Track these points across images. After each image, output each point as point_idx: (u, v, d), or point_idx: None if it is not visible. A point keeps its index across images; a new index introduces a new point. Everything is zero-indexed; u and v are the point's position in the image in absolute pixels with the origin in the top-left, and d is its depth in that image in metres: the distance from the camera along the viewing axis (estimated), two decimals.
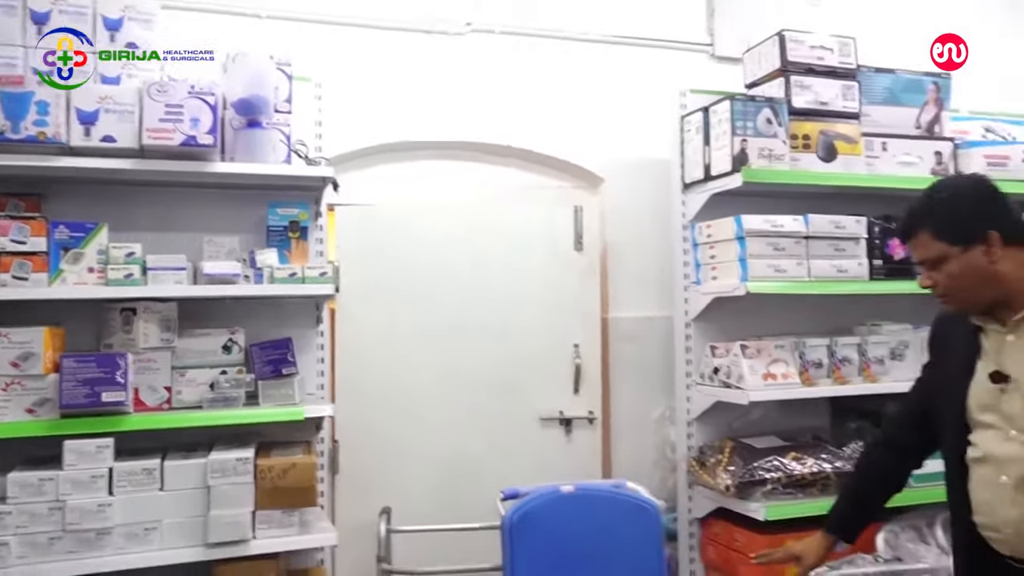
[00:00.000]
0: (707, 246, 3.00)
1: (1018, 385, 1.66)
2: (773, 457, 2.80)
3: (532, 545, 2.50)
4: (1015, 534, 1.65)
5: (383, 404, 3.08)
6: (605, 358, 3.28)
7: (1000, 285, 1.68)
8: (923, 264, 1.74)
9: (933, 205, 1.73)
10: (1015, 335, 1.69)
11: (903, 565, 2.72)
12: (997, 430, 1.69)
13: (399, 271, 3.11)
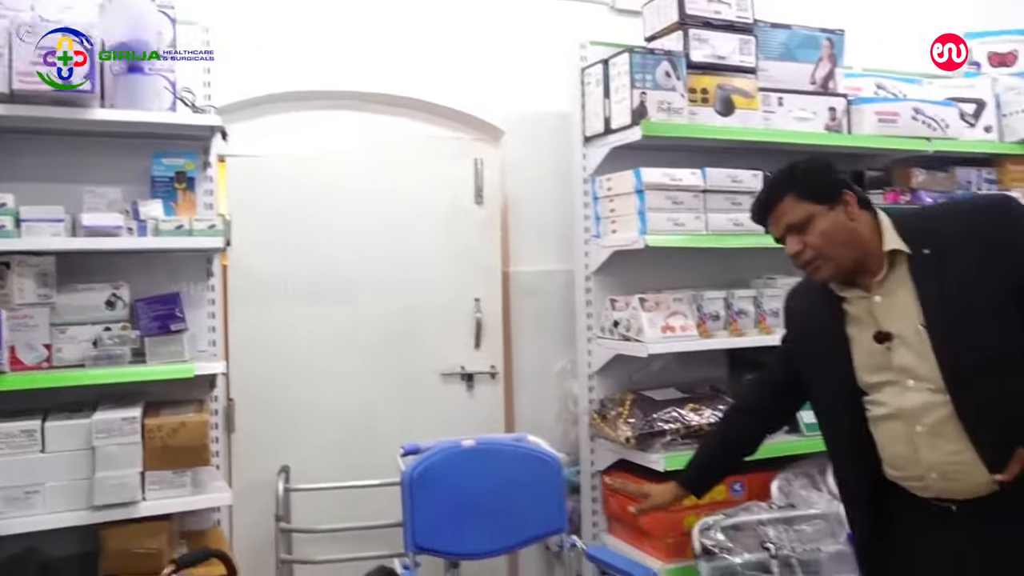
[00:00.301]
0: (607, 200, 3.00)
1: (902, 339, 1.72)
2: (672, 409, 2.84)
3: (432, 500, 2.49)
4: (941, 477, 1.71)
5: (280, 361, 3.01)
6: (506, 312, 3.27)
7: (860, 245, 1.74)
8: (790, 231, 1.76)
9: (792, 172, 1.80)
10: (881, 295, 1.75)
11: (796, 511, 2.81)
12: (895, 385, 1.74)
13: (295, 225, 3.02)
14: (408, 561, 2.44)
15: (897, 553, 1.84)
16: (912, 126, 3.23)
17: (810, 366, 1.94)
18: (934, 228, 1.75)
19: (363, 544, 2.82)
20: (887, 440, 1.78)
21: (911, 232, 1.74)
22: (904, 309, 1.72)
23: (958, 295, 1.66)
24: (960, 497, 1.70)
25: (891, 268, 1.74)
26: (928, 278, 1.70)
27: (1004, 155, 3.51)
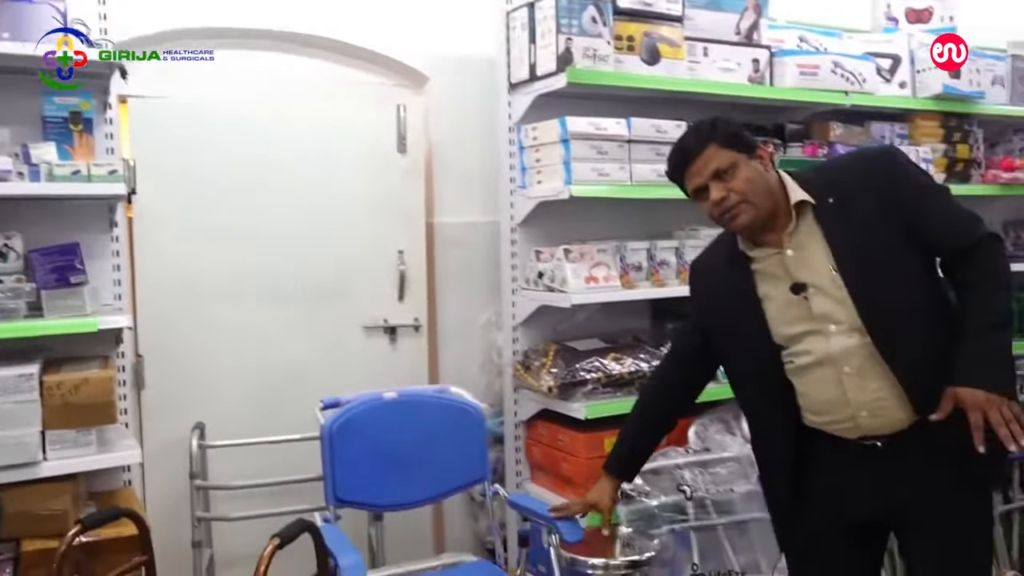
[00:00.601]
0: (533, 149, 2.95)
1: (818, 288, 1.78)
2: (594, 358, 2.85)
3: (353, 453, 2.45)
4: (869, 415, 1.78)
5: (193, 315, 2.88)
6: (430, 264, 3.21)
7: (774, 196, 1.81)
8: (716, 177, 1.79)
9: (715, 124, 1.84)
10: (792, 248, 1.81)
11: (711, 455, 2.88)
12: (817, 334, 1.80)
13: (207, 172, 2.88)
14: (329, 514, 2.41)
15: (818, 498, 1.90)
16: (832, 79, 3.27)
17: (724, 334, 1.98)
18: (834, 179, 1.85)
19: (283, 499, 2.77)
20: (814, 387, 1.83)
21: (813, 185, 1.83)
22: (816, 258, 1.78)
23: (865, 239, 1.76)
24: (885, 432, 1.79)
25: (799, 220, 1.80)
26: (835, 225, 1.78)
27: (916, 111, 3.58)
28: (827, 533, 1.91)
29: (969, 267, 1.77)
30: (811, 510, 1.93)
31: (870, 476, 1.83)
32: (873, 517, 1.88)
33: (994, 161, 3.84)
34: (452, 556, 2.65)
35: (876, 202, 1.76)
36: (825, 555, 1.94)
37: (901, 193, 1.77)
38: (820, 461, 1.89)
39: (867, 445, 1.81)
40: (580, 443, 2.81)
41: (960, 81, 3.55)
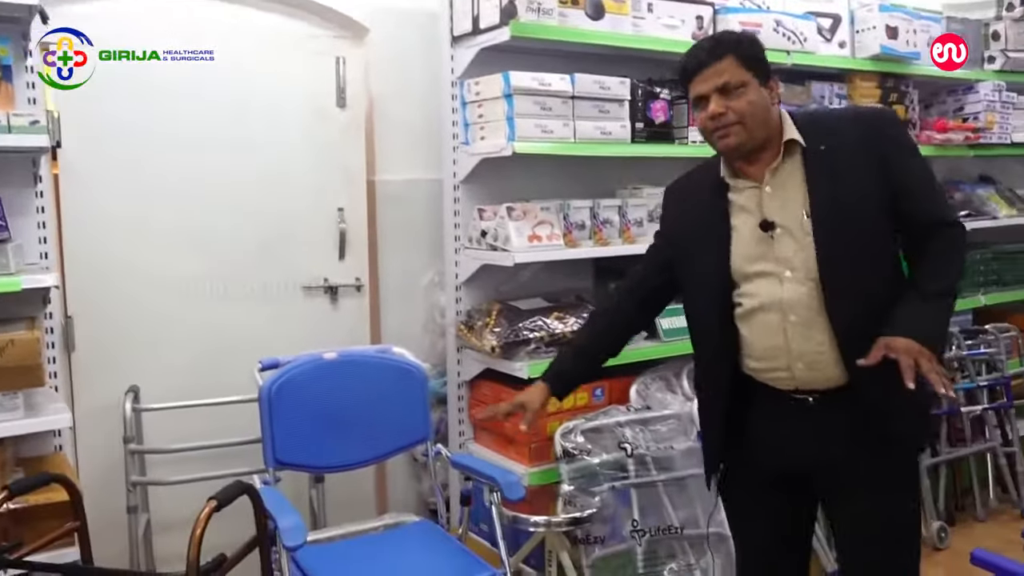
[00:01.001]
0: (475, 104, 2.90)
1: (786, 229, 1.78)
2: (537, 318, 2.84)
3: (292, 415, 2.41)
4: (806, 367, 1.80)
5: (125, 275, 2.78)
6: (372, 222, 3.15)
7: (770, 127, 1.79)
8: (721, 91, 1.75)
9: (741, 39, 1.82)
10: (771, 186, 1.80)
11: (651, 413, 2.91)
12: (771, 276, 1.80)
13: (138, 126, 2.76)
14: (268, 476, 2.37)
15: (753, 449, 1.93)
16: (774, 38, 3.27)
17: (686, 256, 1.96)
18: (831, 128, 1.83)
19: (222, 463, 2.71)
20: (758, 332, 1.84)
21: (808, 129, 1.81)
22: (792, 200, 1.78)
23: (844, 193, 1.75)
24: (819, 387, 1.81)
25: (785, 159, 1.80)
26: (820, 172, 1.77)
27: (855, 71, 3.62)
28: (762, 484, 1.94)
29: (936, 241, 1.79)
30: (746, 460, 1.96)
31: (802, 431, 1.85)
32: (804, 471, 1.89)
33: (928, 122, 3.92)
34: (394, 516, 2.64)
35: (865, 160, 1.76)
36: (760, 505, 1.97)
37: (892, 159, 1.77)
38: (756, 411, 1.91)
39: (799, 399, 1.83)
40: None
41: (897, 42, 3.60)
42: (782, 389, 1.85)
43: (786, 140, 1.79)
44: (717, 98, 1.75)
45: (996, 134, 3.99)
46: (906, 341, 1.65)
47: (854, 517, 1.88)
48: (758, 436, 1.92)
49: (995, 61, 4.01)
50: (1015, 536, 3.56)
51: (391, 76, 3.12)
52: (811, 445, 1.85)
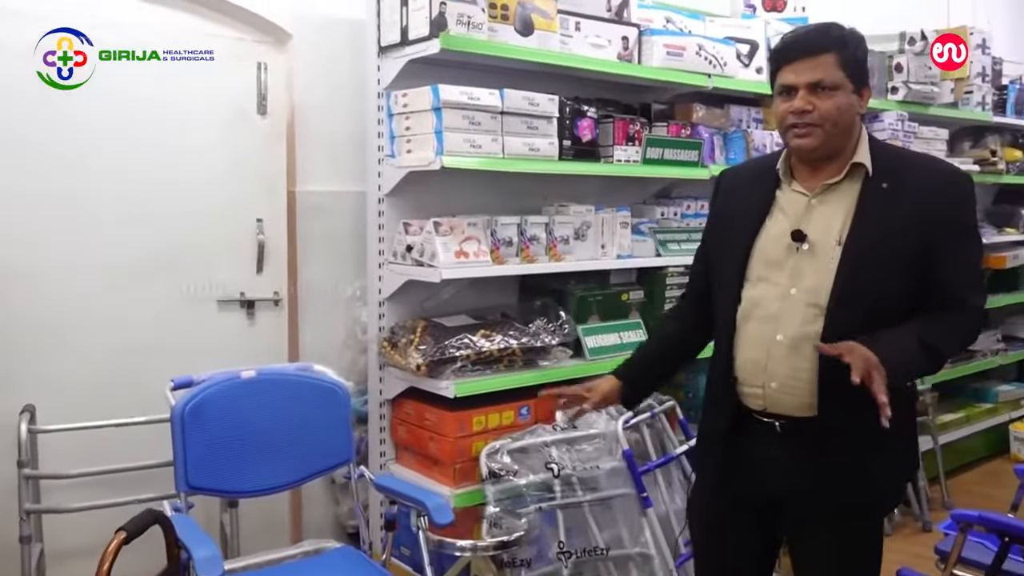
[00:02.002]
0: (402, 116, 2.83)
1: (813, 247, 1.73)
2: (464, 335, 2.79)
3: (207, 436, 2.28)
4: (778, 388, 1.75)
5: (21, 287, 2.59)
6: (292, 234, 3.03)
7: (850, 138, 1.73)
8: (812, 88, 1.69)
9: (847, 37, 1.73)
10: (819, 200, 1.76)
11: (577, 432, 2.89)
12: (777, 286, 1.76)
13: (44, 125, 2.58)
14: (179, 502, 2.24)
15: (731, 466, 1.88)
16: (696, 62, 3.33)
17: (718, 242, 1.93)
18: (900, 168, 1.75)
19: (126, 488, 2.55)
20: (746, 341, 1.80)
21: (882, 161, 1.75)
22: (833, 222, 1.73)
23: (887, 238, 1.69)
24: (787, 413, 1.76)
25: (845, 178, 1.74)
26: (872, 207, 1.71)
27: (771, 95, 3.71)
28: (730, 506, 1.90)
29: (952, 314, 1.73)
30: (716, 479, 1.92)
31: (767, 457, 1.80)
32: (767, 499, 1.84)
33: None
34: (313, 543, 2.53)
35: (922, 212, 1.69)
36: (724, 528, 1.93)
37: (949, 224, 1.71)
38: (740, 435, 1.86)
39: (767, 423, 1.79)
40: (448, 422, 2.75)
41: None
42: (752, 408, 1.82)
43: (854, 161, 1.74)
44: (805, 93, 1.69)
45: None
46: (868, 352, 1.58)
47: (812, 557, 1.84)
48: (728, 456, 1.88)
49: (898, 92, 4.19)
50: (921, 550, 3.70)
51: (315, 84, 3.03)
52: (775, 474, 1.80)
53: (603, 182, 3.31)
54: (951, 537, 2.57)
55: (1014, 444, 4.86)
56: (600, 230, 3.12)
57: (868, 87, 1.74)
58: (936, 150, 4.42)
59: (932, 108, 4.35)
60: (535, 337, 2.90)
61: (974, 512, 2.29)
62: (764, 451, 1.81)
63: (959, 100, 4.47)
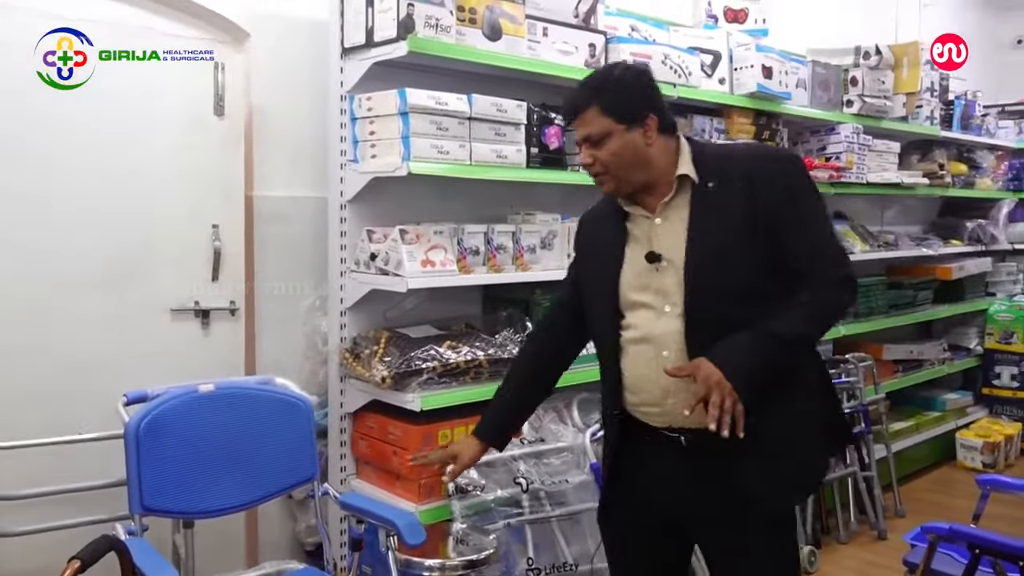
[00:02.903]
0: (367, 120, 2.75)
1: (671, 263, 1.76)
2: (430, 347, 2.71)
3: (164, 453, 2.17)
4: (677, 403, 1.74)
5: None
6: (249, 241, 2.91)
7: (649, 168, 1.77)
8: (587, 141, 1.77)
9: (605, 82, 1.78)
10: (662, 218, 1.80)
11: (545, 445, 2.84)
12: (651, 309, 1.79)
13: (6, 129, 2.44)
14: (133, 525, 2.11)
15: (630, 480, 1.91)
16: (662, 71, 3.31)
17: (587, 283, 1.96)
18: (724, 164, 1.80)
19: (73, 509, 2.40)
20: (633, 363, 1.82)
21: (707, 164, 1.79)
22: (677, 234, 1.77)
23: (724, 231, 1.73)
24: (690, 426, 1.76)
25: (678, 193, 1.78)
26: (703, 209, 1.76)
27: (733, 106, 3.73)
28: (640, 524, 1.92)
29: (809, 292, 1.73)
30: (625, 498, 1.93)
31: (674, 472, 1.82)
32: (677, 514, 1.86)
33: None
34: (275, 564, 2.41)
35: (753, 200, 1.72)
36: (636, 546, 1.95)
37: (783, 203, 1.73)
38: (633, 449, 1.89)
39: (672, 437, 1.80)
40: (413, 436, 2.66)
41: (772, 82, 3.74)
42: (656, 426, 1.82)
43: (679, 174, 1.78)
44: (585, 148, 1.78)
45: (854, 174, 4.22)
46: (711, 369, 1.62)
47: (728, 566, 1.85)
48: (634, 474, 1.90)
49: (853, 105, 4.25)
50: (876, 558, 3.74)
51: (274, 85, 2.92)
52: (683, 488, 1.81)
53: (568, 190, 3.26)
54: (918, 548, 2.59)
55: (960, 451, 4.97)
56: (566, 239, 3.07)
57: (650, 116, 1.75)
58: (888, 163, 4.51)
59: (884, 121, 4.43)
60: (502, 348, 2.83)
61: (944, 525, 2.29)
62: (669, 466, 1.83)
63: (910, 114, 4.55)
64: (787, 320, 1.71)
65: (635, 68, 1.84)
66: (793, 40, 4.18)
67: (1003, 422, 5.17)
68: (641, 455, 1.88)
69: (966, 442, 4.94)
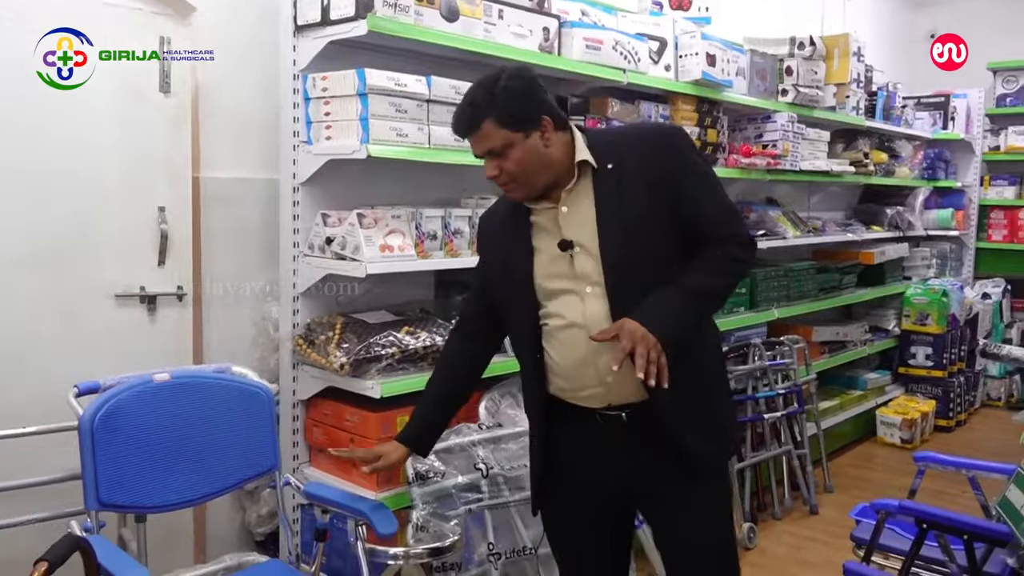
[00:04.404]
0: (322, 101, 2.67)
1: (583, 247, 1.81)
2: (388, 332, 2.66)
3: (120, 446, 2.08)
4: (617, 380, 1.79)
5: None
6: (196, 224, 2.80)
7: (552, 168, 1.81)
8: (489, 155, 1.79)
9: (495, 95, 1.76)
10: (567, 206, 1.83)
11: (503, 430, 2.84)
12: (572, 294, 1.83)
13: None
14: (90, 521, 2.02)
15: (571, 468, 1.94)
16: (612, 56, 3.32)
17: (498, 282, 1.97)
18: (618, 146, 1.86)
19: (20, 504, 2.27)
20: (565, 349, 1.85)
21: (600, 149, 1.84)
22: (585, 218, 1.81)
23: (629, 208, 1.79)
24: (630, 401, 1.82)
25: (579, 179, 1.83)
26: (606, 190, 1.81)
27: (678, 93, 3.78)
28: (580, 509, 1.97)
29: (716, 248, 1.82)
30: (563, 486, 1.97)
31: (615, 449, 1.87)
32: (621, 491, 1.92)
33: (735, 147, 4.19)
34: (236, 557, 2.35)
35: (648, 175, 1.79)
36: (578, 532, 2.00)
37: (674, 173, 1.81)
38: (567, 436, 1.92)
39: (612, 415, 1.85)
40: (371, 423, 2.63)
41: (715, 69, 3.80)
42: (594, 408, 1.86)
43: (578, 161, 1.82)
44: (489, 162, 1.80)
45: (789, 161, 4.34)
46: (634, 325, 1.69)
47: (672, 535, 1.94)
48: (571, 461, 1.94)
49: (787, 94, 4.36)
50: (811, 532, 3.89)
51: (222, 62, 2.79)
52: (628, 461, 1.87)
53: None
54: (864, 524, 2.70)
55: (880, 428, 5.20)
56: None
57: (543, 118, 1.78)
58: (819, 151, 4.65)
59: (816, 111, 4.56)
60: None
61: (894, 501, 2.40)
62: (609, 445, 1.88)
63: (839, 104, 4.70)
64: (695, 275, 1.80)
65: (518, 73, 1.81)
66: (730, 29, 4.26)
67: (918, 400, 5.43)
68: (579, 440, 1.91)
69: (886, 419, 5.17)
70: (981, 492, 2.69)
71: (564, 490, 1.98)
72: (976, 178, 6.47)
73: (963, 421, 5.67)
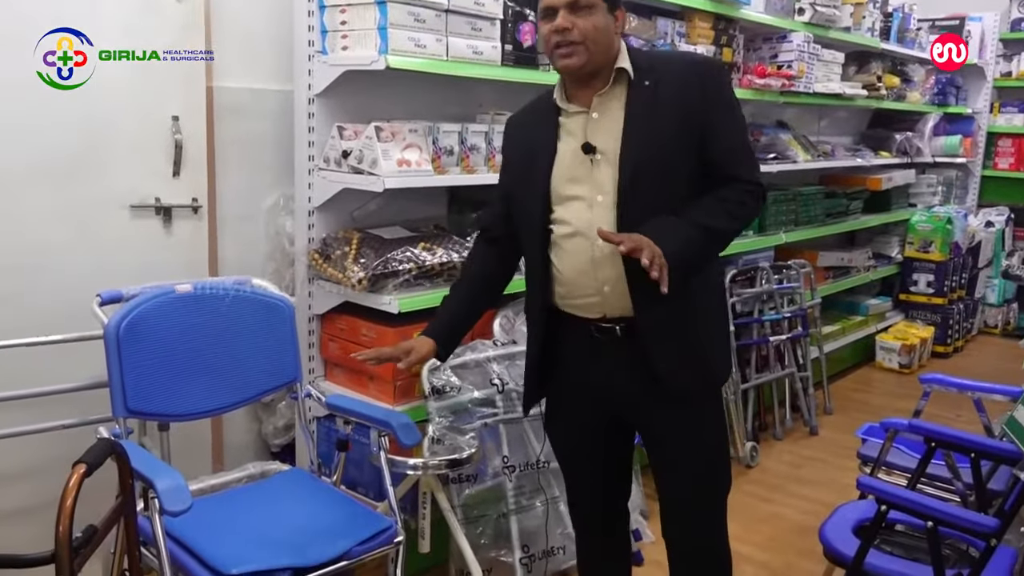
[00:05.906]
0: (337, 9, 2.60)
1: (605, 156, 1.81)
2: (405, 248, 2.66)
3: (145, 355, 2.08)
4: (612, 292, 1.82)
5: None
6: (211, 135, 2.75)
7: (611, 53, 1.82)
8: (571, 8, 1.76)
9: None
10: (599, 112, 1.84)
11: (517, 347, 2.86)
12: (583, 201, 1.83)
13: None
14: (118, 428, 2.05)
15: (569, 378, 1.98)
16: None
17: (516, 181, 1.98)
18: (662, 67, 1.85)
19: (42, 412, 2.30)
20: (568, 258, 1.86)
21: (642, 64, 1.84)
22: (612, 127, 1.82)
23: (657, 128, 1.79)
24: (625, 315, 1.84)
25: (614, 87, 1.83)
26: (639, 105, 1.81)
27: (695, 9, 3.70)
28: (581, 418, 2.01)
29: (729, 191, 1.83)
30: (563, 395, 2.02)
31: (610, 362, 1.90)
32: (611, 403, 1.95)
33: (749, 67, 4.12)
34: (259, 466, 2.39)
35: (686, 100, 1.80)
36: (581, 438, 2.04)
37: (712, 105, 1.81)
38: (568, 345, 1.95)
39: (607, 328, 1.87)
40: (389, 338, 2.63)
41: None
42: (591, 318, 1.88)
43: (617, 68, 1.82)
44: (565, 13, 1.76)
45: (803, 83, 4.28)
46: (643, 237, 1.69)
47: (661, 456, 1.98)
48: (567, 367, 1.97)
49: (804, 13, 4.27)
50: (812, 452, 3.98)
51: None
52: (622, 374, 1.90)
53: (536, 91, 3.19)
54: (870, 443, 2.76)
55: (880, 353, 5.27)
56: None
57: (621, 9, 1.84)
58: (833, 73, 4.58)
59: (832, 31, 4.48)
60: None
61: (903, 420, 2.45)
62: (604, 357, 1.90)
63: (855, 25, 4.61)
64: (709, 211, 1.81)
65: None
66: None
67: (918, 326, 5.49)
68: (575, 348, 1.94)
69: (885, 344, 5.24)
70: (985, 414, 2.75)
71: (562, 396, 2.03)
72: (986, 104, 6.40)
73: (960, 348, 5.75)
